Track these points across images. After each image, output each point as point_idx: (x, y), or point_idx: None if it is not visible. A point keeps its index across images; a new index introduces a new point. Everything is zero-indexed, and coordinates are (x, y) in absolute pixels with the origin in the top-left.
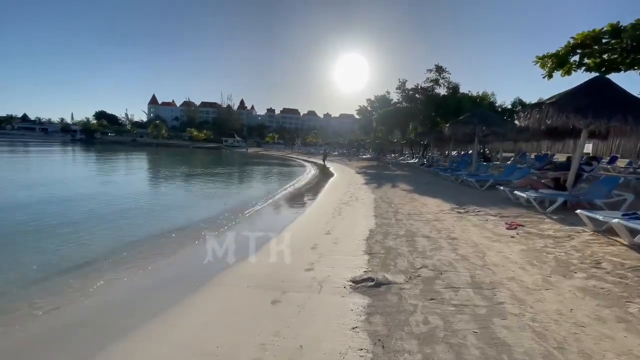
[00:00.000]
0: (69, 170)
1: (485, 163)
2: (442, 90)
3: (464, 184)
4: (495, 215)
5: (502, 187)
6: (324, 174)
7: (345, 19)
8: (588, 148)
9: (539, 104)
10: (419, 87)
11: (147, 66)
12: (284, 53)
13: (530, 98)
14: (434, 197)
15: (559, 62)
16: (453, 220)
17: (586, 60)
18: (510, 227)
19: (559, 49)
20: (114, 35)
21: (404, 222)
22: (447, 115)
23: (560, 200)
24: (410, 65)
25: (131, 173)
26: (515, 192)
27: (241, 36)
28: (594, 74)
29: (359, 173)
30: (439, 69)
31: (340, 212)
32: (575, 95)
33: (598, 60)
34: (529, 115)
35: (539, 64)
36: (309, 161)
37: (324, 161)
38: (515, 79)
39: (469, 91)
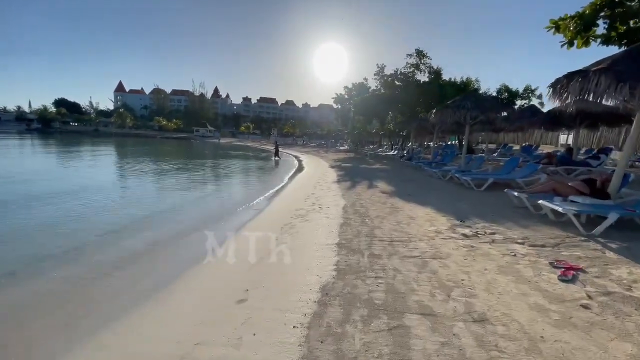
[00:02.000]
0: None
1: (471, 156)
2: (423, 77)
3: (454, 182)
4: (523, 242)
5: (515, 193)
6: (294, 169)
7: (325, 6)
8: (566, 140)
9: (581, 72)
10: (399, 72)
11: (114, 52)
12: (262, 41)
13: (517, 85)
14: (423, 205)
15: (583, 25)
16: (461, 253)
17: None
18: (564, 272)
19: (582, 8)
20: (76, 15)
21: (383, 261)
22: (429, 103)
23: (613, 216)
24: (390, 54)
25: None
26: (542, 202)
27: (217, 22)
28: (611, 50)
29: (333, 167)
30: (420, 54)
31: (286, 237)
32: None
33: (624, 28)
34: (564, 89)
35: (552, 30)
36: (286, 153)
37: (276, 155)
38: (501, 65)
39: (451, 78)
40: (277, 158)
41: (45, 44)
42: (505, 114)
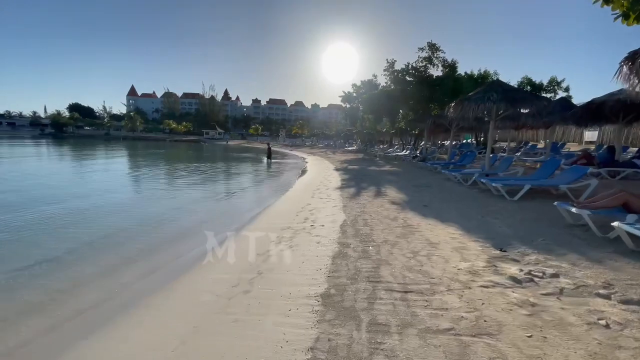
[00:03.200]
0: None
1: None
2: (436, 71)
3: (477, 188)
4: (607, 294)
5: (573, 209)
6: (294, 173)
7: (334, 6)
8: (592, 136)
9: None
10: (410, 66)
11: (127, 57)
12: (271, 42)
13: (541, 77)
14: (445, 221)
15: None
16: (519, 322)
17: None
18: None
19: None
20: (91, 25)
21: (392, 342)
22: (443, 99)
23: None
24: (401, 51)
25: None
26: (619, 224)
27: (226, 25)
28: None
29: (338, 169)
30: (432, 47)
31: (248, 286)
32: None
33: None
34: None
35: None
36: (290, 154)
37: (268, 157)
38: (521, 57)
39: (469, 71)
40: (269, 160)
41: (60, 52)
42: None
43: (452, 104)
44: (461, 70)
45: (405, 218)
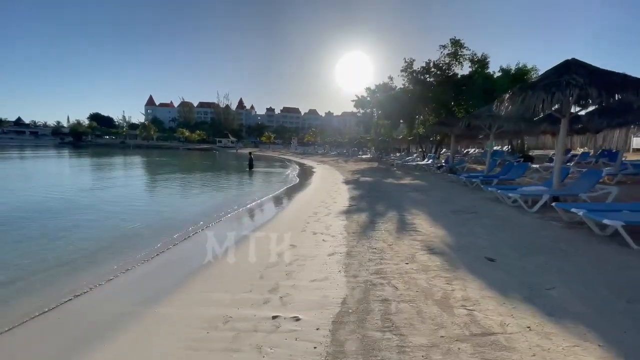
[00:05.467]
0: None
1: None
2: (461, 70)
3: (551, 216)
4: None
5: None
6: (291, 188)
7: (348, 14)
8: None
9: None
10: (432, 63)
11: (146, 67)
12: (285, 51)
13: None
14: (555, 312)
15: None
16: None
17: None
18: None
19: None
20: (112, 36)
21: None
22: (471, 100)
23: None
24: (418, 57)
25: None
26: None
27: (241, 35)
28: None
29: (348, 183)
30: (456, 44)
31: None
32: None
33: None
34: None
35: None
36: (297, 163)
37: (249, 167)
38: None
39: (505, 66)
40: (250, 170)
41: (82, 64)
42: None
43: (506, 95)
44: (494, 66)
45: (467, 300)
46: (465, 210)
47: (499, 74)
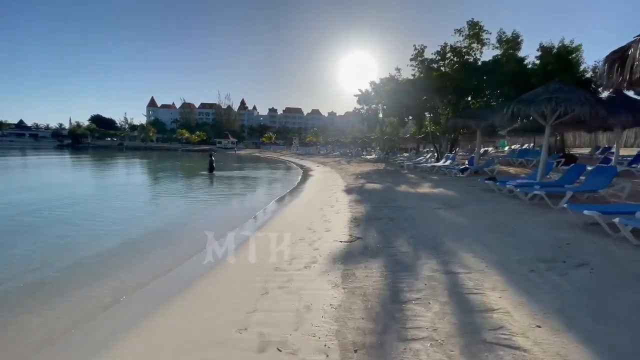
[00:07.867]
0: None
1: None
2: (481, 55)
3: None
4: None
5: None
6: (279, 200)
7: (351, 13)
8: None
9: None
10: (447, 48)
11: (148, 68)
12: (287, 51)
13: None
14: None
15: None
16: None
17: None
18: None
19: None
20: (114, 37)
21: None
22: (499, 88)
23: None
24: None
25: None
26: None
27: (243, 35)
28: None
29: (350, 190)
30: (474, 26)
31: None
32: None
33: None
34: None
35: None
36: (295, 164)
37: (209, 171)
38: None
39: (550, 42)
40: (211, 174)
41: (85, 65)
42: None
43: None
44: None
45: None
46: (547, 255)
47: (538, 53)
